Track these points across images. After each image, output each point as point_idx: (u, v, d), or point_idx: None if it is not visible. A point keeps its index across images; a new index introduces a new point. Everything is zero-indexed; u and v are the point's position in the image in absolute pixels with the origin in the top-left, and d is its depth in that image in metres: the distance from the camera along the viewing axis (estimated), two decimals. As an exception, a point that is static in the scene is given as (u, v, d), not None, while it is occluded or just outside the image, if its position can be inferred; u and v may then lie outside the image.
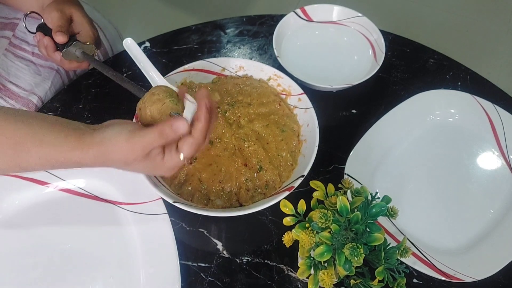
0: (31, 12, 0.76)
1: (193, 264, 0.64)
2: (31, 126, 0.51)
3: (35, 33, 0.76)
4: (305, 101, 0.72)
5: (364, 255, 0.48)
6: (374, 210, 0.51)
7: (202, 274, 0.64)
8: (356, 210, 0.51)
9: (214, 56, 0.87)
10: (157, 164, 0.52)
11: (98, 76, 0.83)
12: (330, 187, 0.56)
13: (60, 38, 0.71)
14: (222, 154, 0.67)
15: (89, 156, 0.51)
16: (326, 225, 0.49)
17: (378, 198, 0.53)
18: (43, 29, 0.74)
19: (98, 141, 0.50)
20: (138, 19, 2.00)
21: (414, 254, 0.63)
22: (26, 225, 0.65)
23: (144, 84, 0.65)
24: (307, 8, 0.89)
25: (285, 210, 0.54)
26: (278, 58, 0.80)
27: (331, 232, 0.50)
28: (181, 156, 0.52)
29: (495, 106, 0.76)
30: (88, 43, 0.75)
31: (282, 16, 0.88)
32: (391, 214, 0.53)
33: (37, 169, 0.54)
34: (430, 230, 0.68)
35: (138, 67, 0.71)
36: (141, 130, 0.50)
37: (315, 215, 0.50)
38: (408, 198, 0.70)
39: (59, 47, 0.73)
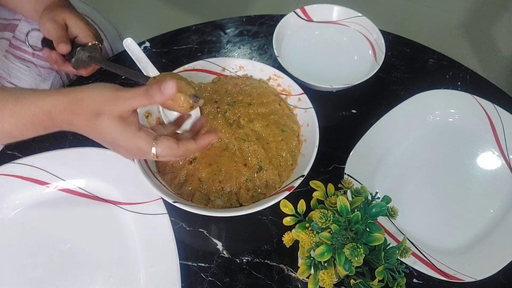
0: (32, 31, 0.76)
1: (193, 264, 0.64)
2: (10, 90, 0.52)
3: (41, 48, 0.76)
4: (305, 101, 0.72)
5: (364, 255, 0.48)
6: (374, 210, 0.51)
7: (202, 274, 0.64)
8: (356, 210, 0.51)
9: (214, 56, 0.87)
10: (129, 132, 0.50)
11: (99, 76, 0.83)
12: (330, 187, 0.56)
13: (63, 48, 0.71)
14: (222, 154, 0.67)
15: (62, 102, 0.50)
16: (326, 225, 0.49)
17: (378, 198, 0.53)
18: (48, 42, 0.74)
19: (76, 89, 0.50)
20: (138, 19, 2.00)
21: (414, 254, 0.63)
22: (26, 225, 0.65)
23: (144, 84, 0.65)
24: (307, 8, 0.89)
25: (285, 210, 0.54)
26: (278, 58, 0.80)
27: (331, 232, 0.50)
28: (153, 150, 0.51)
29: (495, 106, 0.76)
30: (90, 43, 0.75)
31: (282, 16, 0.88)
32: (391, 214, 0.53)
33: (11, 132, 0.52)
34: (430, 230, 0.68)
35: (138, 67, 0.71)
36: (128, 88, 0.50)
37: (315, 215, 0.50)
38: (408, 198, 0.70)
39: (67, 57, 0.73)
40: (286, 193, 0.61)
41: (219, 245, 0.66)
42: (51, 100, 0.51)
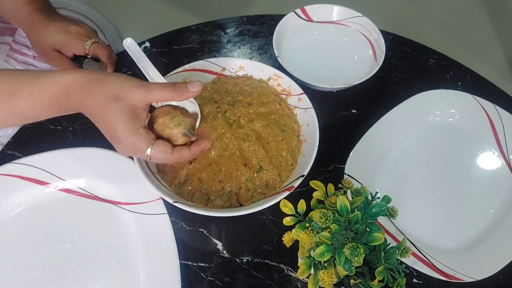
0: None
1: (193, 264, 0.64)
2: (29, 70, 0.52)
3: None
4: (305, 101, 0.72)
5: (364, 255, 0.48)
6: (374, 210, 0.51)
7: (202, 274, 0.64)
8: (356, 210, 0.51)
9: (214, 56, 0.87)
10: (131, 128, 0.50)
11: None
12: (330, 187, 0.56)
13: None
14: (222, 154, 0.67)
15: (82, 80, 0.50)
16: (326, 225, 0.49)
17: (378, 198, 0.53)
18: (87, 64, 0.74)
19: (102, 73, 0.51)
20: (138, 19, 2.00)
21: (414, 254, 0.63)
22: (26, 225, 0.65)
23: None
24: (307, 8, 0.89)
25: (285, 210, 0.54)
26: (278, 58, 0.80)
27: (331, 232, 0.50)
28: (148, 151, 0.52)
29: (495, 106, 0.76)
30: (87, 45, 0.74)
31: (282, 16, 0.88)
32: (391, 214, 0.53)
33: (29, 113, 0.52)
34: (430, 230, 0.68)
35: (138, 67, 0.71)
36: (153, 82, 0.52)
37: (315, 215, 0.50)
38: (408, 198, 0.70)
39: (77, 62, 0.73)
40: (286, 193, 0.61)
41: (219, 245, 0.66)
42: (71, 77, 0.50)
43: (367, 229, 0.50)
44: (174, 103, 0.61)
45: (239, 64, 0.78)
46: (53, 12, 0.74)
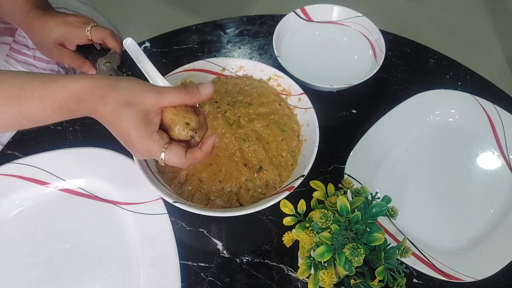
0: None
1: (193, 264, 0.64)
2: (36, 73, 0.52)
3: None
4: (305, 101, 0.72)
5: (364, 255, 0.48)
6: (374, 210, 0.51)
7: (202, 274, 0.64)
8: (356, 210, 0.51)
9: (214, 56, 0.87)
10: (145, 134, 0.50)
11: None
12: (330, 187, 0.56)
13: (89, 69, 0.70)
14: (222, 154, 0.67)
15: (94, 86, 0.50)
16: (326, 225, 0.49)
17: (378, 198, 0.53)
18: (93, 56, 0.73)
19: (112, 78, 0.50)
20: (138, 19, 2.00)
21: (414, 254, 0.63)
22: (26, 225, 0.65)
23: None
24: (307, 8, 0.89)
25: (285, 210, 0.54)
26: (278, 58, 0.80)
27: (331, 232, 0.50)
28: (162, 155, 0.52)
29: (495, 106, 0.76)
30: (88, 30, 0.72)
31: (282, 16, 0.88)
32: (391, 214, 0.53)
33: (38, 117, 0.52)
34: (430, 230, 0.68)
35: (138, 67, 0.71)
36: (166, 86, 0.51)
37: (315, 215, 0.50)
38: (408, 198, 0.70)
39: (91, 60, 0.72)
40: (286, 193, 0.61)
41: (219, 245, 0.66)
42: (82, 83, 0.50)
43: (367, 229, 0.50)
44: None
45: (239, 64, 0.78)
46: (50, 9, 0.74)
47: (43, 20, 0.70)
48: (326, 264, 0.51)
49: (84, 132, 0.76)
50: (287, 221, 0.54)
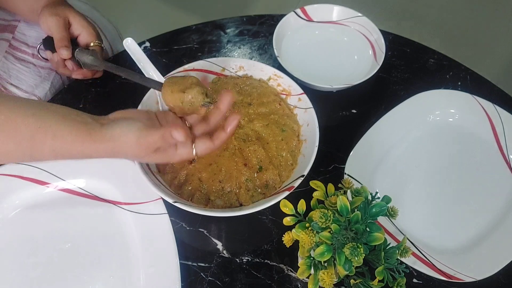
0: (44, 41, 0.76)
1: (193, 264, 0.64)
2: (44, 120, 0.52)
3: (46, 59, 0.76)
4: (305, 101, 0.72)
5: (364, 255, 0.48)
6: (374, 210, 0.51)
7: (202, 274, 0.64)
8: (356, 210, 0.51)
9: (214, 56, 0.87)
10: (169, 155, 0.56)
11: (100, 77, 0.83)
12: (330, 187, 0.56)
13: (64, 54, 0.71)
14: (222, 154, 0.67)
15: (100, 151, 0.53)
16: (326, 225, 0.49)
17: (378, 198, 0.53)
18: (49, 43, 0.74)
19: (108, 138, 0.53)
20: (138, 19, 2.00)
21: (414, 254, 0.63)
22: (26, 225, 0.65)
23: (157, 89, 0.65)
24: (307, 8, 0.89)
25: (285, 210, 0.54)
26: (278, 58, 0.80)
27: (331, 232, 0.50)
28: (194, 153, 0.56)
29: (495, 106, 0.76)
30: (93, 43, 0.74)
31: (282, 16, 0.88)
32: (391, 214, 0.53)
33: (49, 160, 0.55)
34: (430, 230, 0.68)
35: (138, 67, 0.71)
36: (148, 129, 0.53)
37: (315, 215, 0.50)
38: (408, 198, 0.70)
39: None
40: (286, 193, 0.61)
41: (219, 245, 0.66)
42: (90, 149, 0.53)
43: (367, 229, 0.50)
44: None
45: (239, 64, 0.78)
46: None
47: (62, 5, 0.75)
48: (326, 264, 0.51)
49: (84, 132, 0.76)
50: (287, 221, 0.54)
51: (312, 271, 0.52)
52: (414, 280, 0.63)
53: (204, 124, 0.60)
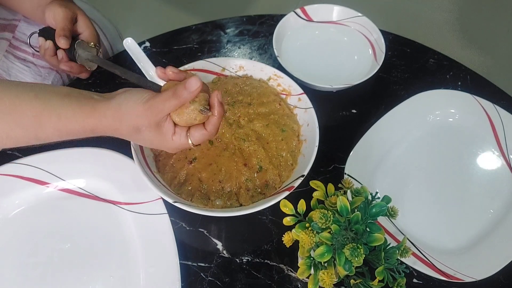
0: (34, 33, 0.76)
1: (193, 264, 0.64)
2: (47, 100, 0.53)
3: (38, 51, 0.77)
4: (305, 101, 0.72)
5: (364, 255, 0.48)
6: (374, 210, 0.51)
7: (202, 274, 0.64)
8: (356, 210, 0.51)
9: (214, 56, 0.87)
10: (166, 139, 0.55)
11: (98, 76, 0.83)
12: (330, 187, 0.56)
13: (63, 43, 0.71)
14: (222, 154, 0.67)
15: (103, 122, 0.53)
16: (326, 225, 0.49)
17: (378, 198, 0.53)
18: (46, 33, 0.74)
19: (113, 107, 0.53)
20: (138, 19, 2.00)
21: (414, 254, 0.63)
22: (26, 225, 0.65)
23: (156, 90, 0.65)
24: (307, 8, 0.89)
25: (285, 210, 0.54)
26: (278, 58, 0.80)
27: (331, 232, 0.50)
28: (190, 142, 0.55)
29: (495, 106, 0.76)
30: (91, 44, 0.75)
31: (282, 16, 0.88)
32: (391, 214, 0.53)
33: (53, 140, 0.56)
34: (430, 230, 0.68)
35: (138, 67, 0.71)
36: (156, 95, 0.53)
37: (315, 215, 0.50)
38: (408, 198, 0.70)
39: (67, 52, 0.74)
40: (286, 193, 0.61)
41: (219, 245, 0.66)
42: (91, 121, 0.53)
43: (367, 229, 0.50)
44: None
45: (239, 64, 0.77)
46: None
47: (71, 2, 0.76)
48: (326, 264, 0.51)
49: (84, 132, 0.76)
50: (287, 221, 0.54)
51: (312, 271, 0.52)
52: (414, 280, 0.63)
53: None
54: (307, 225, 0.52)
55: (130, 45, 0.71)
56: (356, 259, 0.47)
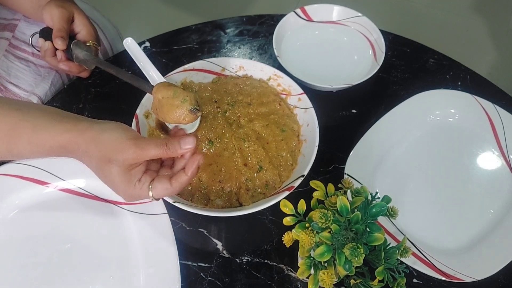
0: (36, 33, 0.76)
1: (193, 264, 0.64)
2: (27, 113, 0.52)
3: (39, 50, 0.77)
4: (305, 101, 0.72)
5: (364, 255, 0.48)
6: (374, 210, 0.51)
7: (202, 274, 0.64)
8: (356, 210, 0.51)
9: (214, 56, 0.87)
10: (130, 182, 0.51)
11: (98, 76, 0.83)
12: (330, 187, 0.56)
13: (60, 44, 0.72)
14: (222, 154, 0.67)
15: (78, 140, 0.51)
16: (326, 225, 0.49)
17: (378, 198, 0.53)
18: (46, 34, 0.74)
19: (95, 130, 0.51)
20: (138, 19, 2.00)
21: (414, 254, 0.63)
22: (26, 225, 0.65)
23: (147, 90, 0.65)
24: (307, 8, 0.89)
25: (285, 210, 0.54)
26: (278, 58, 0.80)
27: (331, 232, 0.50)
28: (150, 194, 0.52)
29: (495, 106, 0.76)
30: (89, 43, 0.75)
31: (282, 16, 0.88)
32: (391, 214, 0.53)
33: (27, 156, 0.54)
34: (430, 230, 0.68)
35: (138, 66, 0.71)
36: (146, 138, 0.51)
37: (315, 215, 0.50)
38: (408, 198, 0.70)
39: (65, 52, 0.74)
40: (286, 193, 0.61)
41: (219, 245, 0.66)
42: (67, 136, 0.52)
43: (367, 229, 0.50)
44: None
45: (239, 64, 0.77)
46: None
47: (69, 2, 0.76)
48: (326, 264, 0.51)
49: (84, 132, 0.76)
50: (287, 221, 0.54)
51: (312, 271, 0.52)
52: (414, 280, 0.63)
53: (167, 168, 0.56)
54: (307, 225, 0.52)
55: (130, 45, 0.71)
56: (356, 259, 0.47)
